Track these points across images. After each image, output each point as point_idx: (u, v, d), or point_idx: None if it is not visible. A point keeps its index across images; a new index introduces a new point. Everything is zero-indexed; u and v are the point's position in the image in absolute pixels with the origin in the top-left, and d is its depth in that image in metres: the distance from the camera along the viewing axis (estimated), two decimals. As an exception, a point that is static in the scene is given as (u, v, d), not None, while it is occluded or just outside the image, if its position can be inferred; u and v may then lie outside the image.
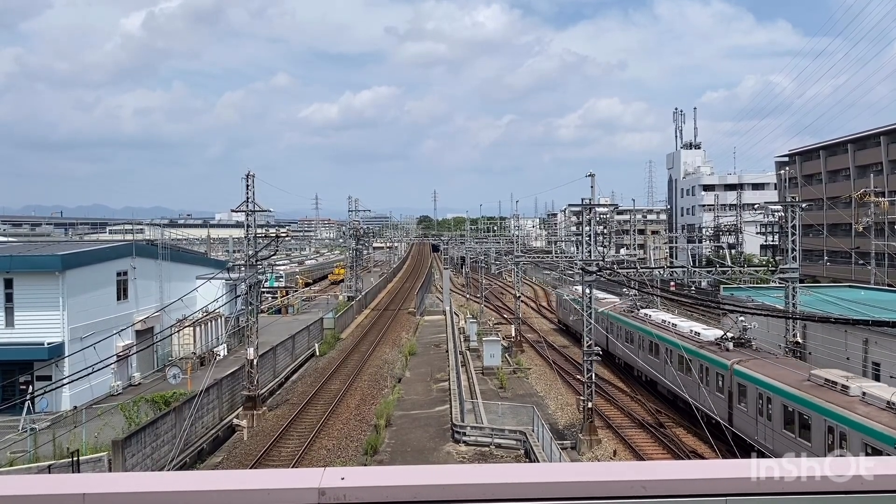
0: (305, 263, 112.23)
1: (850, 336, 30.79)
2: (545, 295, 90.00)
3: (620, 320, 42.95)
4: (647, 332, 37.38)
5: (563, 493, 2.02)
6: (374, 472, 2.10)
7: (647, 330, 37.48)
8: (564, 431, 31.68)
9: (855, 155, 73.77)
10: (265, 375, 37.57)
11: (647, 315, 40.73)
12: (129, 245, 41.81)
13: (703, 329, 34.77)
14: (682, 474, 2.10)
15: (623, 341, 40.21)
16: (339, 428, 32.12)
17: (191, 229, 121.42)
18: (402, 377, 42.23)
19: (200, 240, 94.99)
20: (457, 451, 28.52)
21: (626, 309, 44.28)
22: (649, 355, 36.90)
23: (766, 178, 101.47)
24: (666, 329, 36.32)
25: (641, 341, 38.47)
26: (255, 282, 36.05)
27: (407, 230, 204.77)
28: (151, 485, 2.06)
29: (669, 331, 35.75)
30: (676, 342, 32.72)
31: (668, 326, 36.81)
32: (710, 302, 46.31)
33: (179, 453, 26.32)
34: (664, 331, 35.96)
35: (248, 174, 34.97)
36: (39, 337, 32.53)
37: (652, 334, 36.22)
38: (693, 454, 28.10)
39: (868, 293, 41.87)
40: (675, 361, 32.69)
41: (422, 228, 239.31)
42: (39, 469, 22.23)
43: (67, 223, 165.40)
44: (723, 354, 29.56)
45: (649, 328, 37.26)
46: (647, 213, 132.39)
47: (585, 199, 31.65)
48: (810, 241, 71.39)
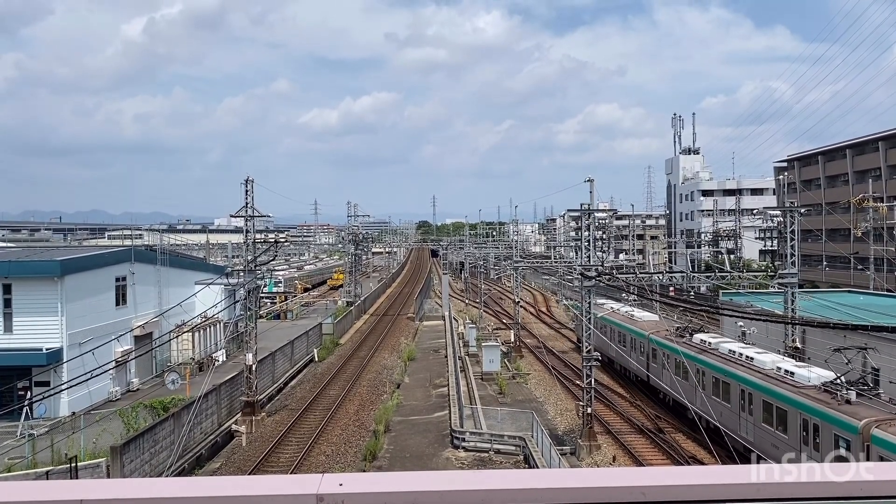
0: (304, 269, 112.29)
1: (849, 341, 30.75)
2: (544, 300, 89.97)
3: (668, 347, 34.70)
4: (709, 366, 30.06)
5: (562, 498, 2.01)
6: (373, 478, 2.09)
7: (709, 364, 30.12)
8: (564, 437, 31.64)
9: (853, 160, 73.90)
10: (264, 381, 37.50)
11: (705, 342, 33.05)
12: (128, 250, 41.79)
13: (795, 367, 26.17)
14: (682, 480, 2.09)
15: (673, 374, 32.91)
16: (337, 434, 32.05)
17: (190, 234, 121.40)
18: (401, 383, 42.17)
19: (199, 245, 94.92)
20: (456, 456, 28.47)
21: (674, 333, 36.73)
22: (714, 397, 29.13)
23: (764, 183, 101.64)
24: (738, 363, 28.54)
25: (702, 377, 30.60)
26: (253, 287, 36.01)
27: (406, 235, 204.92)
28: (149, 491, 2.05)
29: (745, 366, 28.02)
30: (759, 384, 25.81)
31: (740, 360, 28.84)
32: (708, 307, 46.36)
33: (178, 459, 26.26)
34: (736, 366, 28.43)
35: (248, 179, 35.00)
36: (38, 342, 32.50)
37: (719, 370, 29.26)
38: (693, 460, 28.05)
39: (867, 298, 41.92)
40: (759, 410, 25.54)
41: (421, 233, 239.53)
42: (37, 475, 22.17)
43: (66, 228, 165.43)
44: (844, 410, 21.01)
45: (713, 361, 30.00)
46: (646, 219, 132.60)
47: (584, 205, 31.67)
48: (809, 246, 71.47)
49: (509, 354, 49.08)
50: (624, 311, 46.28)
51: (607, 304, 49.30)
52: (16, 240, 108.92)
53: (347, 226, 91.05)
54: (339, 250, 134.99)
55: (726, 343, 31.84)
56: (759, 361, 27.46)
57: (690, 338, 34.36)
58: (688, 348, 32.66)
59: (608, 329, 43.85)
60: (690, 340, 33.96)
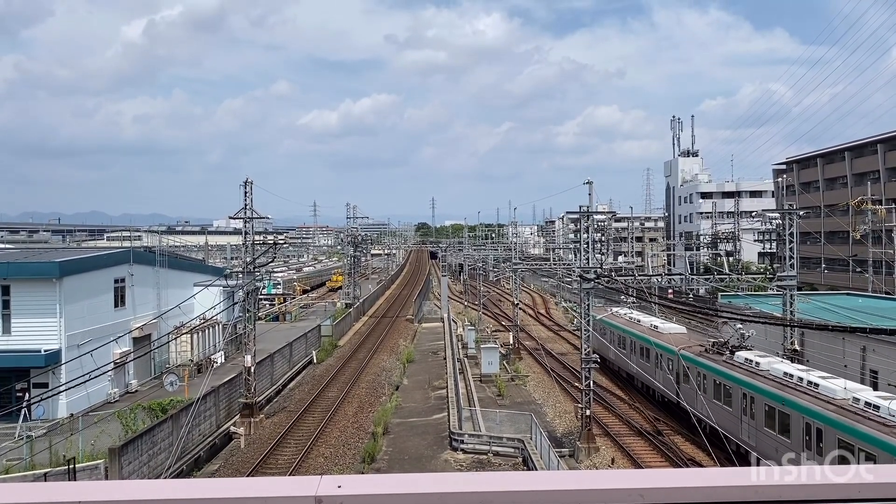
0: (303, 270, 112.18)
1: (848, 343, 30.83)
2: (543, 302, 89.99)
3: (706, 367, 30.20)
4: (761, 392, 25.36)
5: (560, 500, 2.01)
6: (371, 480, 2.09)
7: (761, 389, 25.41)
8: (563, 439, 31.63)
9: (852, 163, 74.00)
10: (263, 383, 37.47)
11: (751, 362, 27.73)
12: (127, 252, 41.77)
13: (878, 399, 21.16)
14: (681, 482, 2.09)
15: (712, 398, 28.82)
16: (336, 436, 32.03)
17: (189, 236, 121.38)
18: (399, 385, 42.16)
19: (198, 247, 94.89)
20: (454, 458, 28.45)
21: (710, 349, 31.76)
22: (768, 429, 24.88)
23: (763, 185, 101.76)
24: (799, 390, 23.83)
25: (750, 404, 26.12)
26: (252, 289, 36.00)
27: (405, 237, 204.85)
28: (148, 492, 2.05)
29: (808, 394, 23.21)
30: (834, 419, 21.02)
31: (800, 385, 24.15)
32: (707, 309, 46.36)
33: (176, 461, 26.23)
34: (797, 393, 23.59)
35: (247, 181, 34.99)
36: (36, 344, 32.45)
37: (774, 397, 24.46)
38: (692, 462, 28.05)
39: (865, 301, 41.96)
40: (834, 449, 20.73)
41: (420, 235, 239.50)
42: (35, 477, 22.13)
43: (65, 230, 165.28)
44: None
45: (766, 386, 25.27)
46: (645, 221, 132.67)
47: (583, 207, 31.70)
48: (808, 248, 71.60)
49: (508, 356, 49.07)
50: (645, 321, 41.93)
51: (625, 313, 46.03)
52: (14, 241, 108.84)
53: (346, 227, 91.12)
54: (338, 252, 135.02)
55: (778, 364, 26.98)
56: (828, 389, 22.65)
57: (731, 355, 29.44)
58: (730, 368, 28.21)
59: (627, 341, 40.74)
60: (732, 359, 29.05)
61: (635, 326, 41.40)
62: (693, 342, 34.53)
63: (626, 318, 44.24)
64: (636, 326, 41.31)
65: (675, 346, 33.55)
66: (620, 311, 46.70)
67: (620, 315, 45.07)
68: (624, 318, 44.11)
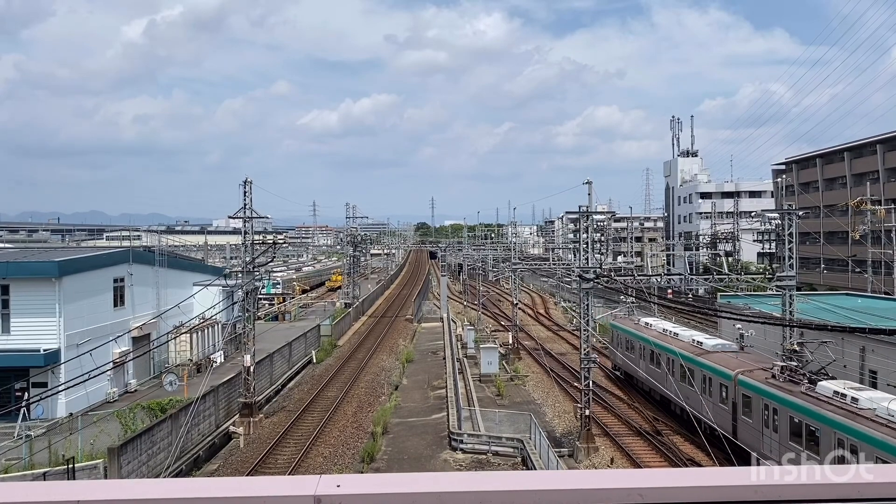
0: (303, 270, 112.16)
1: (847, 344, 30.82)
2: (543, 302, 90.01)
3: (784, 402, 24.16)
4: (872, 442, 19.62)
5: (559, 500, 2.01)
6: (371, 480, 2.09)
7: (872, 438, 19.61)
8: (562, 439, 31.63)
9: (851, 163, 74.03)
10: (262, 383, 37.47)
11: (843, 396, 22.04)
12: (126, 251, 41.76)
13: None
14: (680, 482, 2.09)
15: (788, 440, 23.69)
16: (335, 435, 32.03)
17: (188, 236, 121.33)
18: (399, 384, 42.16)
19: (197, 246, 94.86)
20: (454, 458, 28.46)
21: (780, 377, 25.94)
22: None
23: (762, 185, 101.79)
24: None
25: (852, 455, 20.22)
26: (252, 288, 35.99)
27: (404, 237, 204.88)
28: (147, 492, 2.05)
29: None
30: None
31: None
32: (707, 309, 46.37)
33: (175, 461, 26.23)
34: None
35: (246, 181, 34.99)
36: (35, 343, 32.43)
37: None
38: (691, 462, 28.05)
39: (865, 301, 41.97)
40: None
41: (419, 235, 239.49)
42: (34, 476, 22.12)
43: (64, 229, 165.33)
44: None
45: (878, 435, 19.45)
46: (645, 221, 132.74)
47: (583, 207, 31.69)
48: (807, 248, 71.58)
49: (507, 356, 49.07)
50: (685, 335, 35.43)
51: (654, 323, 39.80)
52: (14, 240, 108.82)
53: (346, 227, 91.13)
54: (337, 252, 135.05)
55: (883, 399, 20.83)
56: None
57: (812, 386, 23.75)
58: (815, 405, 22.36)
59: (663, 359, 33.96)
60: (814, 391, 23.34)
61: (672, 341, 34.72)
62: (752, 364, 28.65)
63: (658, 329, 37.61)
64: (674, 341, 34.68)
65: (730, 370, 28.40)
66: (650, 321, 40.41)
67: (650, 326, 38.93)
68: (656, 331, 37.41)
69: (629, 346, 39.14)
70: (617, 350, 40.91)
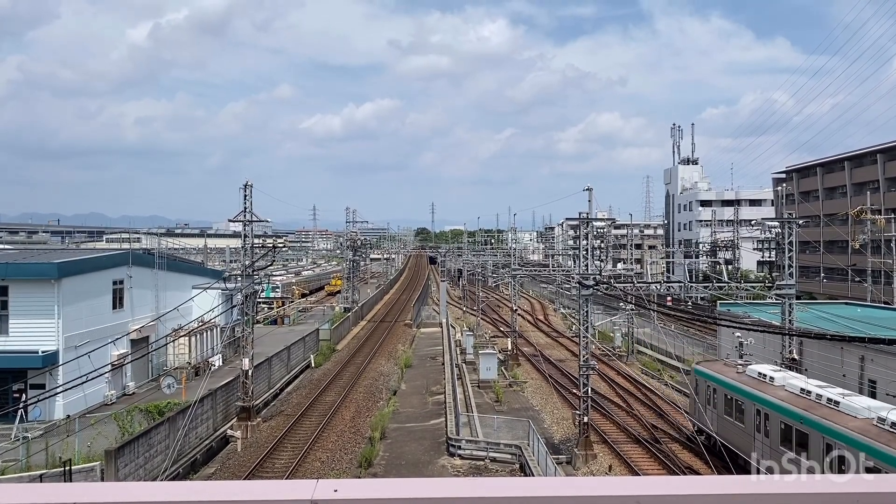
0: (302, 274, 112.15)
1: (847, 353, 30.80)
2: (542, 308, 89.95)
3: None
4: None
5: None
6: (368, 485, 2.08)
7: None
8: (560, 446, 31.56)
9: (852, 172, 74.13)
10: (260, 386, 37.42)
11: None
12: (126, 254, 41.74)
13: None
14: (677, 489, 2.09)
15: None
16: (333, 440, 31.97)
17: (188, 239, 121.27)
18: (397, 389, 42.09)
19: (197, 249, 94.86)
20: (451, 464, 28.40)
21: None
22: None
23: (763, 194, 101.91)
24: None
25: None
26: (251, 292, 35.97)
27: (404, 242, 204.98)
28: (143, 495, 2.05)
29: None
30: None
31: None
32: (706, 317, 46.36)
33: (173, 464, 26.17)
34: None
35: (247, 184, 34.99)
36: (34, 345, 32.41)
37: None
38: (689, 470, 27.98)
39: (864, 310, 41.95)
40: None
41: (419, 240, 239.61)
42: (31, 478, 22.08)
43: (64, 231, 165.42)
44: None
45: None
46: (645, 228, 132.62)
47: (583, 213, 31.71)
48: (807, 257, 71.51)
49: (506, 362, 49.01)
50: (855, 404, 21.34)
51: (782, 377, 25.56)
52: (13, 242, 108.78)
53: (346, 231, 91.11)
54: (337, 256, 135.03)
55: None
56: None
57: None
58: None
59: (812, 440, 21.40)
60: None
61: (833, 415, 21.22)
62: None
63: (792, 389, 24.27)
64: (834, 416, 21.18)
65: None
66: (767, 372, 26.33)
67: (773, 381, 25.44)
68: (789, 391, 24.25)
69: (733, 407, 26.95)
70: (707, 408, 28.82)
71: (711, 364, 32.09)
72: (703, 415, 28.05)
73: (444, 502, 1.98)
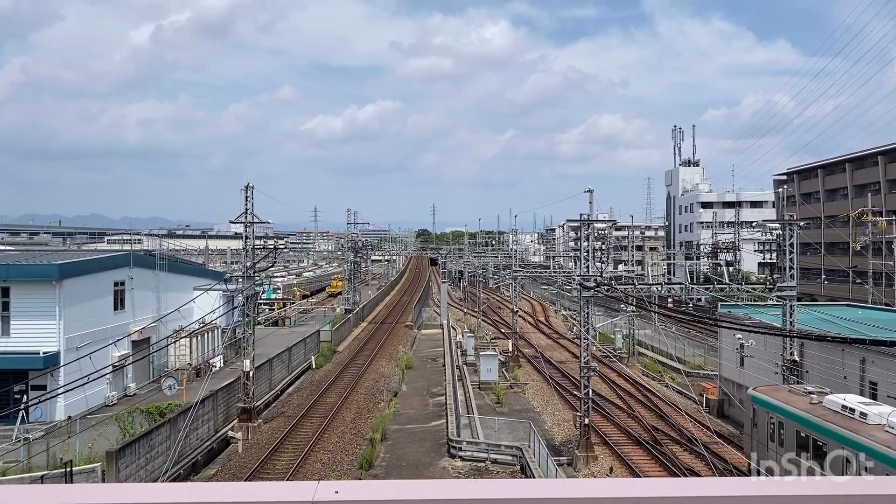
0: (303, 275, 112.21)
1: (847, 355, 30.76)
2: (543, 310, 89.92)
3: None
4: None
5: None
6: (369, 486, 2.08)
7: None
8: (561, 447, 31.55)
9: (853, 174, 74.08)
10: (261, 387, 37.41)
11: None
12: (127, 255, 41.76)
13: None
14: (678, 491, 2.09)
15: None
16: (334, 441, 31.97)
17: (189, 240, 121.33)
18: (398, 391, 42.09)
19: (198, 251, 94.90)
20: (452, 466, 28.38)
21: None
22: None
23: (764, 195, 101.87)
24: None
25: None
26: (252, 293, 35.98)
27: (405, 243, 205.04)
28: (144, 496, 2.05)
29: None
30: None
31: None
32: (706, 319, 46.31)
33: (173, 465, 26.16)
34: None
35: (248, 186, 35.01)
36: (35, 346, 32.42)
37: None
38: (690, 472, 27.96)
39: (865, 312, 41.90)
40: None
41: (420, 242, 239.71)
42: (32, 479, 22.07)
43: (66, 232, 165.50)
44: None
45: None
46: (646, 230, 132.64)
47: (584, 215, 31.71)
48: (808, 259, 71.58)
49: (507, 364, 49.00)
50: None
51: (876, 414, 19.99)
52: (15, 243, 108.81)
53: (347, 233, 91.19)
54: (338, 257, 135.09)
55: None
56: None
57: None
58: None
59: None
60: None
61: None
62: None
63: (887, 430, 18.99)
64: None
65: None
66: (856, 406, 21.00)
67: (865, 419, 20.16)
68: (886, 432, 18.95)
69: (809, 448, 21.81)
70: (769, 444, 23.88)
71: (774, 391, 25.97)
72: (759, 447, 23.92)
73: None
